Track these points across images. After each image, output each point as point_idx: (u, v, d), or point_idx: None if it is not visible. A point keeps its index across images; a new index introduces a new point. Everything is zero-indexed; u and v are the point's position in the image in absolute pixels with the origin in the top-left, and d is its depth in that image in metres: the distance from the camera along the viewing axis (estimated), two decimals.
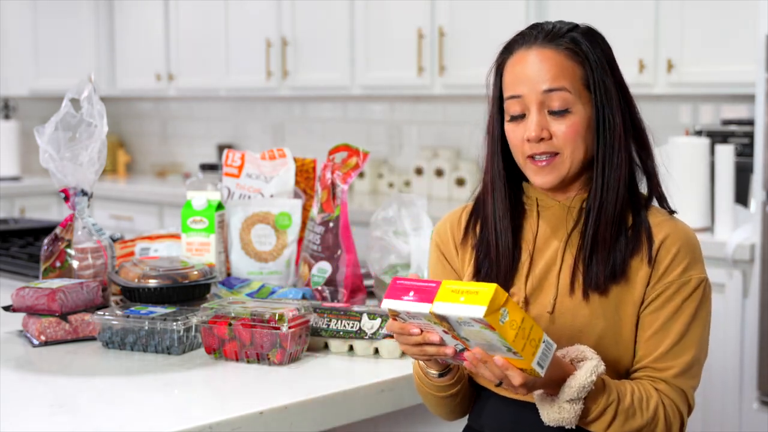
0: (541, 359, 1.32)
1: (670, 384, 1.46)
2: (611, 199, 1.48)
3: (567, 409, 1.38)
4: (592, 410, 1.40)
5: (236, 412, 1.48)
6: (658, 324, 1.47)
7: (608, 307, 1.47)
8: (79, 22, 5.89)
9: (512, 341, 1.29)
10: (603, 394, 1.40)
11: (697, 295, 1.49)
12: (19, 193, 5.57)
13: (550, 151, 1.49)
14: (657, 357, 1.46)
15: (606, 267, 1.47)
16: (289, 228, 2.31)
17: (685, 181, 3.32)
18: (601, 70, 1.49)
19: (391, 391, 1.67)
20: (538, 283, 1.52)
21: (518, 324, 1.30)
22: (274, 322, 1.72)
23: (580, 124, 1.48)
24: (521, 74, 1.49)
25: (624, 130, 1.49)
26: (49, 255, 2.08)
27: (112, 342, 1.84)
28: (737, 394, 3.18)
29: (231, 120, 5.83)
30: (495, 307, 1.29)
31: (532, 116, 1.48)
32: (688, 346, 1.48)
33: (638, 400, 1.43)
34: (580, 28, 1.52)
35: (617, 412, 1.41)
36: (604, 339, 1.46)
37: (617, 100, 1.49)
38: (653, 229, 1.49)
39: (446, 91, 4.32)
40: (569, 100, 1.47)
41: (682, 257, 1.48)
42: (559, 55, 1.48)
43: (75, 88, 2.01)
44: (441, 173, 4.66)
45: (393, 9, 4.46)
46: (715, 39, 3.49)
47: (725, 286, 3.19)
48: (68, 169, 2.02)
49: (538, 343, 1.32)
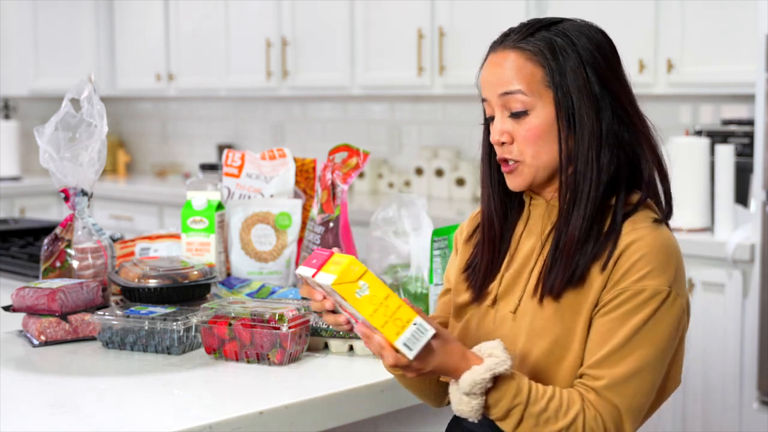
0: (409, 341, 1.31)
1: (600, 395, 1.38)
2: (580, 204, 1.44)
3: (465, 401, 1.36)
4: (494, 408, 1.37)
5: (236, 412, 1.48)
6: (603, 331, 1.40)
7: (564, 313, 1.43)
8: (79, 22, 5.89)
9: (369, 316, 1.31)
10: (508, 394, 1.37)
11: (649, 307, 1.38)
12: (19, 193, 5.56)
13: (512, 158, 1.47)
14: (592, 364, 1.39)
15: (566, 272, 1.42)
16: (289, 228, 2.31)
17: (685, 181, 3.32)
18: (566, 69, 1.44)
19: (391, 391, 1.67)
20: (511, 281, 1.51)
21: (380, 300, 1.31)
22: (274, 322, 1.72)
23: (539, 127, 1.45)
24: (485, 78, 1.50)
25: (599, 133, 1.44)
26: (49, 255, 2.08)
27: (112, 342, 1.84)
28: (737, 394, 3.18)
29: (231, 120, 5.83)
30: (348, 279, 1.31)
31: (496, 119, 1.48)
32: (626, 358, 1.38)
33: (555, 406, 1.37)
34: (563, 24, 1.48)
35: (524, 415, 1.37)
36: (558, 344, 1.43)
37: (590, 100, 1.43)
38: (622, 236, 1.42)
39: (446, 91, 4.32)
40: (527, 103, 1.45)
41: (643, 265, 1.39)
42: (518, 56, 1.46)
43: (75, 88, 2.01)
44: (441, 173, 4.66)
45: (393, 9, 4.46)
46: (715, 39, 3.49)
47: (725, 286, 3.19)
48: (68, 169, 2.02)
49: (405, 324, 1.31)
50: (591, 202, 1.44)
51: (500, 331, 1.49)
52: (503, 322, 1.49)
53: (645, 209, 1.47)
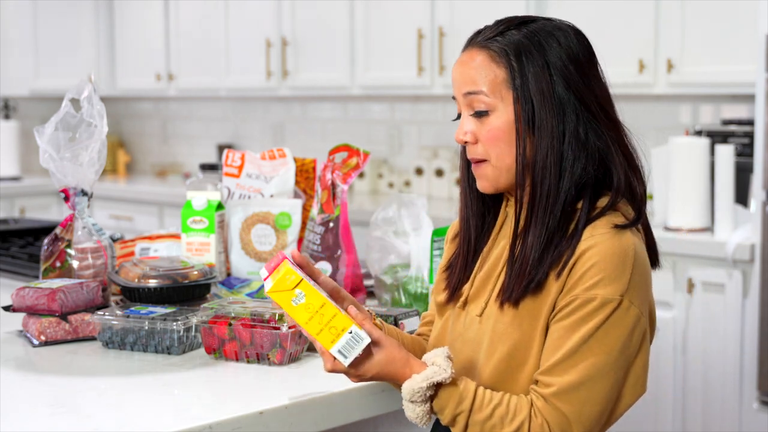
0: (344, 349, 1.37)
1: (548, 402, 1.37)
2: (539, 209, 1.42)
3: (410, 408, 1.40)
4: (441, 415, 1.41)
5: (236, 412, 1.48)
6: (555, 336, 1.39)
7: (523, 319, 1.43)
8: (79, 22, 5.89)
9: (305, 323, 1.37)
10: (451, 402, 1.39)
11: (598, 316, 1.36)
12: (19, 193, 5.56)
13: (478, 157, 1.48)
14: (544, 370, 1.39)
15: (523, 279, 1.42)
16: (289, 228, 2.31)
17: (685, 181, 3.32)
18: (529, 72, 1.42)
19: (391, 391, 1.67)
20: (481, 284, 1.51)
21: (315, 309, 1.36)
22: (274, 322, 1.72)
23: (499, 129, 1.44)
24: (453, 76, 1.52)
25: (563, 136, 1.41)
26: (49, 255, 2.08)
27: (112, 342, 1.84)
28: (737, 394, 3.18)
29: (231, 120, 5.83)
30: (283, 287, 1.37)
31: (462, 119, 1.50)
32: (576, 366, 1.36)
33: (501, 414, 1.37)
34: (535, 24, 1.46)
35: (469, 422, 1.38)
36: (517, 350, 1.43)
37: (552, 104, 1.41)
38: (581, 243, 1.39)
39: (446, 91, 4.32)
40: (488, 103, 1.45)
41: (595, 272, 1.37)
42: (482, 56, 1.47)
43: (75, 88, 2.01)
44: (441, 173, 4.66)
45: (393, 9, 4.46)
46: (715, 39, 3.49)
47: (725, 286, 3.19)
48: (68, 169, 2.02)
49: (340, 332, 1.36)
50: (551, 207, 1.42)
51: (468, 333, 1.50)
52: (471, 324, 1.50)
53: (612, 214, 1.43)
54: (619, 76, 3.39)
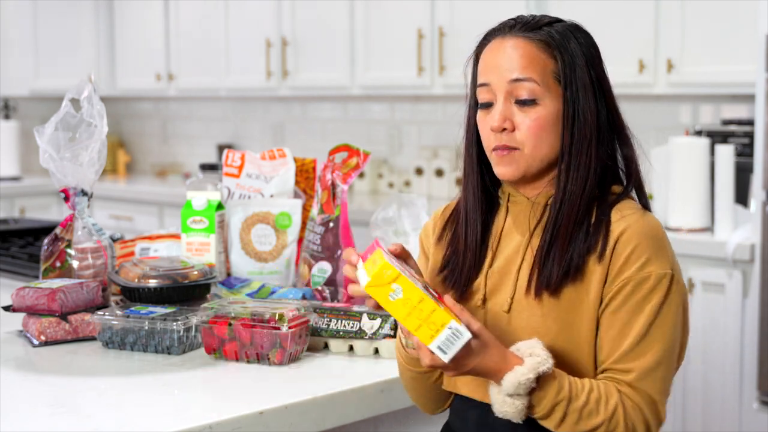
0: (444, 345, 1.32)
1: (633, 387, 1.40)
2: (574, 197, 1.44)
3: (509, 403, 1.36)
4: (538, 407, 1.38)
5: (236, 412, 1.48)
6: (619, 324, 1.40)
7: (561, 309, 1.43)
8: (79, 22, 5.89)
9: (404, 319, 1.32)
10: (550, 392, 1.37)
11: (658, 292, 1.40)
12: (19, 193, 5.57)
13: (511, 145, 1.47)
14: (617, 359, 1.40)
15: (561, 266, 1.42)
16: (289, 228, 2.31)
17: (685, 181, 3.32)
18: (575, 65, 1.45)
19: (391, 391, 1.67)
20: (498, 280, 1.50)
21: (413, 304, 1.32)
22: (274, 322, 1.72)
23: (545, 119, 1.45)
24: (492, 62, 1.49)
25: (597, 128, 1.46)
26: (49, 255, 2.08)
27: (112, 342, 1.84)
28: (737, 394, 3.18)
29: (231, 120, 5.83)
30: (380, 282, 1.32)
31: (498, 105, 1.47)
32: (650, 347, 1.40)
33: (595, 399, 1.38)
34: (561, 23, 1.50)
35: (567, 411, 1.37)
36: (558, 341, 1.43)
37: (593, 97, 1.46)
38: (613, 225, 1.43)
39: (446, 91, 4.32)
40: (537, 92, 1.45)
41: (641, 252, 1.41)
42: (531, 45, 1.46)
43: (75, 88, 2.01)
44: (441, 173, 4.66)
45: (393, 9, 4.46)
46: (715, 39, 3.49)
47: (725, 286, 3.19)
48: (68, 169, 2.02)
49: (439, 328, 1.32)
50: (586, 196, 1.45)
51: (495, 330, 1.47)
52: (497, 320, 1.48)
53: (627, 199, 1.49)
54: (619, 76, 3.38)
